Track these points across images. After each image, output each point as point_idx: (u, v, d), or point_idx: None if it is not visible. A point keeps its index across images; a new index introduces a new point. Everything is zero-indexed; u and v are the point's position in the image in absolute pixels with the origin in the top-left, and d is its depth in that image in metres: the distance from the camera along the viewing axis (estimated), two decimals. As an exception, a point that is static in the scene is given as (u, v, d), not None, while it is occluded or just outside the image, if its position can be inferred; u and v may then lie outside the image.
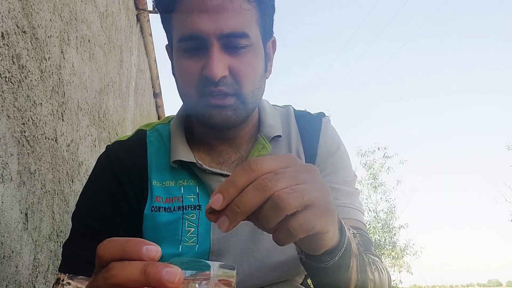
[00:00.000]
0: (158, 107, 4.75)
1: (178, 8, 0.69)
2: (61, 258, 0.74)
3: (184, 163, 0.76)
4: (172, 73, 0.78)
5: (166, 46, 0.80)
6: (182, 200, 0.76)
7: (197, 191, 0.77)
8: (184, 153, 0.76)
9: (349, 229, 0.62)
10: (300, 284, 0.84)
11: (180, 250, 0.74)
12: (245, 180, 0.41)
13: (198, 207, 0.76)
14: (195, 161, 0.75)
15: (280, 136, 0.81)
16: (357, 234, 0.74)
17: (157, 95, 4.48)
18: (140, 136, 0.83)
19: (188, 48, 0.69)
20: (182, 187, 0.77)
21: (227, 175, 0.76)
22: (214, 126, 0.72)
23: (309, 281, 0.90)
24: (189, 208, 0.76)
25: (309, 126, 0.84)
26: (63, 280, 0.71)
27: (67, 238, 0.77)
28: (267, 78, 0.77)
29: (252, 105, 0.73)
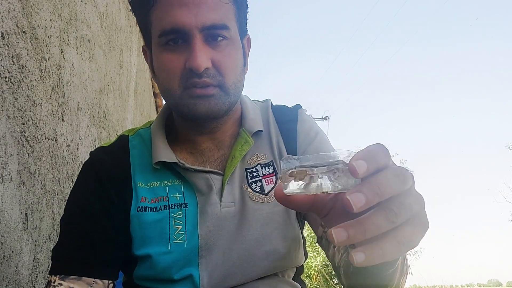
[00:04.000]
0: (158, 107, 4.75)
1: (158, 3, 0.70)
2: (51, 262, 0.75)
3: (167, 164, 0.77)
4: (152, 73, 0.79)
5: (143, 47, 0.82)
6: (168, 199, 0.77)
7: (182, 189, 0.78)
8: (166, 154, 0.77)
9: None
10: (292, 279, 0.84)
11: (169, 248, 0.75)
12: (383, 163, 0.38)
13: (184, 205, 0.77)
14: (177, 161, 0.76)
15: (261, 131, 0.82)
16: None
17: (157, 95, 4.48)
18: (122, 141, 0.84)
19: (169, 41, 0.70)
20: (167, 187, 0.78)
21: (211, 172, 0.78)
22: (198, 117, 0.73)
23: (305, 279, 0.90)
24: (175, 207, 0.77)
25: (286, 117, 0.86)
26: (54, 282, 0.71)
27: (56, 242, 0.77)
28: (245, 74, 0.79)
29: (234, 98, 0.75)
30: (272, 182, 0.80)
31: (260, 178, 0.80)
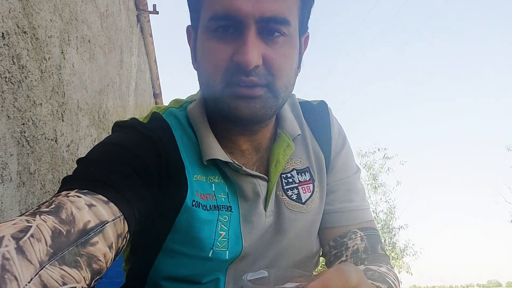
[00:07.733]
0: (158, 107, 4.74)
1: None
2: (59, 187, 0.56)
3: (213, 160, 0.68)
4: (193, 57, 0.69)
5: (188, 27, 0.71)
6: (216, 199, 0.68)
7: (227, 190, 0.70)
8: (219, 152, 0.67)
9: None
10: None
11: (210, 255, 0.67)
12: None
13: (229, 209, 0.69)
14: (232, 161, 0.67)
15: (299, 134, 0.75)
16: (365, 237, 0.74)
17: (157, 95, 4.48)
18: (160, 120, 0.70)
19: (219, 28, 0.60)
20: (213, 184, 0.69)
21: (259, 176, 0.70)
22: (239, 120, 0.62)
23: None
24: (223, 209, 0.68)
25: (318, 118, 0.79)
26: (68, 193, 0.51)
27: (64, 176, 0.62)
28: (297, 75, 0.69)
29: (282, 101, 0.65)
30: (309, 190, 0.74)
31: (296, 185, 0.74)
